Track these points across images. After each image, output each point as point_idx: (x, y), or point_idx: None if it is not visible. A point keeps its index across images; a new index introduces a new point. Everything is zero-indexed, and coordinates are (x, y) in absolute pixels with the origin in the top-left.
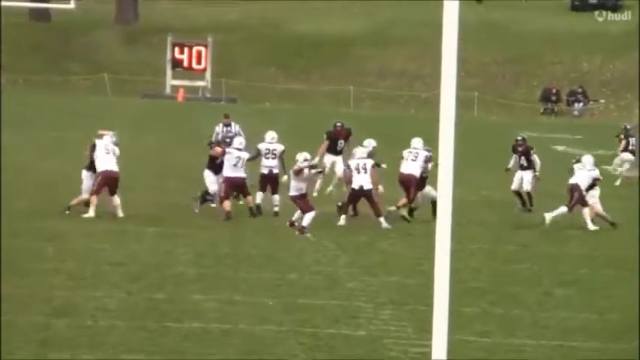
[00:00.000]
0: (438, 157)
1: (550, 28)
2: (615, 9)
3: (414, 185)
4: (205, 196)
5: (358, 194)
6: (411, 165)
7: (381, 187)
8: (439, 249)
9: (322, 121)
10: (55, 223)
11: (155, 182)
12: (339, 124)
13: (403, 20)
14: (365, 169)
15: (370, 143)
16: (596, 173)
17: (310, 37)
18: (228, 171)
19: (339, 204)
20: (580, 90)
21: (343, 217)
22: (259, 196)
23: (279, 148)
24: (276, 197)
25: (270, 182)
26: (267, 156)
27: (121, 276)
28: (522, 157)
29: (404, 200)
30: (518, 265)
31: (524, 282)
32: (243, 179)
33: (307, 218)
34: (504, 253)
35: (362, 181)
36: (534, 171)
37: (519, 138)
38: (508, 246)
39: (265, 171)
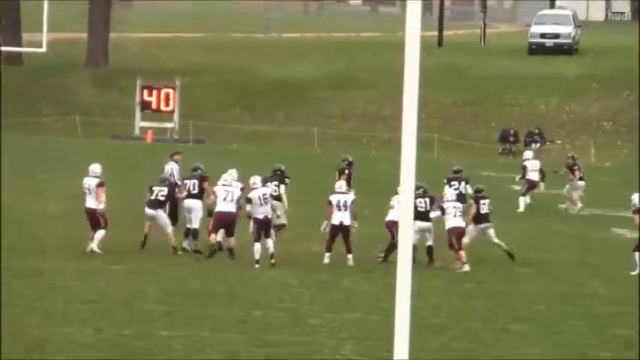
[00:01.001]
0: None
1: (508, 71)
2: (571, 53)
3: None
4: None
5: (337, 230)
6: (459, 219)
7: (356, 223)
8: (400, 286)
9: (287, 160)
10: (33, 262)
11: (124, 220)
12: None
13: (364, 65)
14: (345, 205)
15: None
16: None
17: (275, 81)
18: (219, 206)
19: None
20: (537, 131)
21: (327, 255)
22: (220, 235)
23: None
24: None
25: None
26: (226, 198)
27: (91, 313)
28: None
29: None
30: (476, 301)
31: (481, 318)
32: (233, 214)
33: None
34: (463, 290)
35: (342, 217)
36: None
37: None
38: (466, 283)
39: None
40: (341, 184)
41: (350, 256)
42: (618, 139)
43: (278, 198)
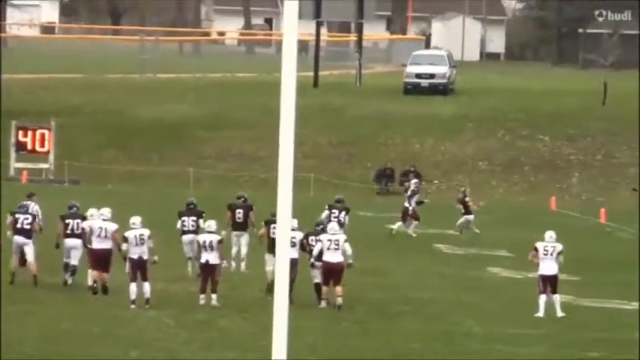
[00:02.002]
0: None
1: (383, 111)
2: (446, 93)
3: (342, 271)
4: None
5: (203, 269)
6: (335, 254)
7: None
8: (276, 325)
9: (163, 201)
10: None
11: None
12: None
13: (240, 105)
14: (211, 245)
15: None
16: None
17: (150, 121)
18: (93, 243)
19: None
20: (412, 170)
21: (202, 296)
22: (90, 275)
23: (112, 227)
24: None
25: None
26: (100, 235)
27: None
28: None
29: (339, 289)
30: (354, 340)
31: (359, 357)
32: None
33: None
34: (340, 329)
35: (208, 256)
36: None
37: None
38: (343, 322)
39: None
40: (210, 224)
41: (214, 295)
42: (493, 178)
43: (196, 232)
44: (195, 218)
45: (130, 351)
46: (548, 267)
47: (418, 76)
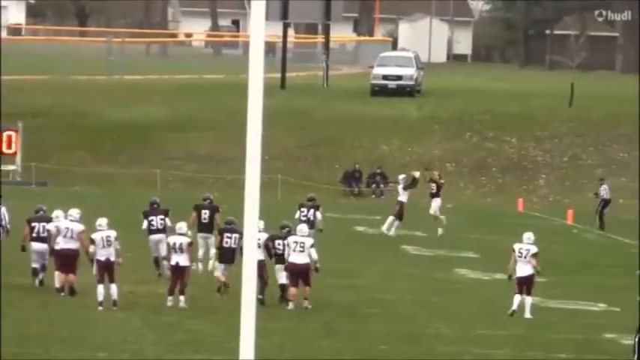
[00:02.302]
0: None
1: (351, 112)
2: (413, 95)
3: (309, 272)
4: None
5: (173, 271)
6: (300, 255)
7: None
8: (244, 327)
9: (131, 202)
10: None
11: None
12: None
13: (207, 107)
14: (181, 248)
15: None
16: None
17: (117, 123)
18: (60, 243)
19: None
20: (379, 172)
21: (170, 298)
22: (57, 278)
23: (78, 228)
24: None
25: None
26: (66, 235)
27: None
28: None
29: (293, 290)
30: (321, 342)
31: (327, 359)
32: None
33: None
34: (307, 330)
35: (178, 258)
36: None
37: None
38: (310, 324)
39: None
40: (181, 226)
41: (182, 297)
42: (461, 180)
43: (164, 230)
44: (162, 217)
45: (98, 353)
46: (522, 269)
47: (385, 77)
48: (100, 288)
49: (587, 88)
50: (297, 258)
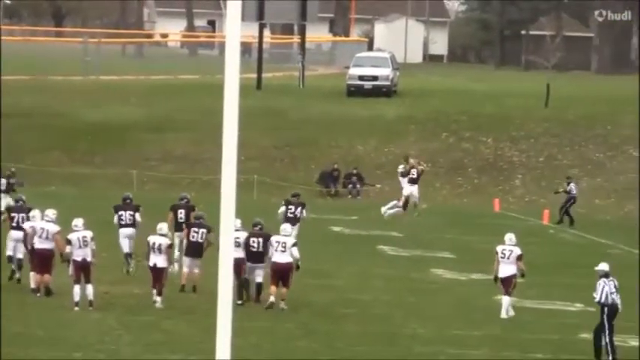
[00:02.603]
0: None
1: (327, 113)
2: (389, 95)
3: (291, 273)
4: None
5: (152, 272)
6: (282, 255)
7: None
8: (220, 327)
9: (107, 203)
10: None
11: None
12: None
13: (183, 107)
14: (160, 248)
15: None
16: None
17: (93, 124)
18: (35, 243)
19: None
20: (355, 172)
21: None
22: (32, 278)
23: (54, 229)
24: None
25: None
26: (41, 236)
27: None
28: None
29: (274, 288)
30: (298, 342)
31: (303, 359)
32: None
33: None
34: (284, 330)
35: (156, 259)
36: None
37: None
38: (287, 324)
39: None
40: (161, 227)
41: (158, 298)
42: (437, 180)
43: (134, 225)
44: (132, 212)
45: (74, 353)
46: (504, 269)
47: (361, 78)
48: (77, 288)
49: (563, 89)
50: (279, 258)
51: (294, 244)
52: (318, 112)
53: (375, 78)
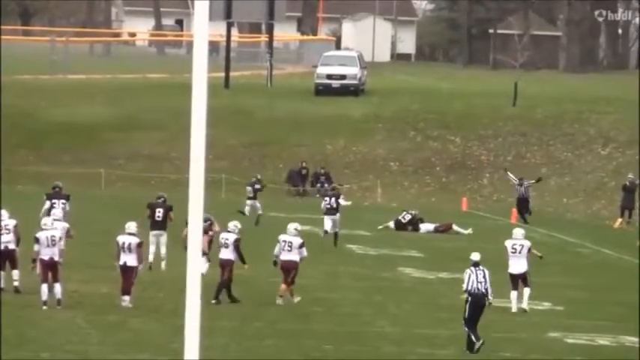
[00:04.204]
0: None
1: (295, 112)
2: (357, 94)
3: (296, 270)
4: None
5: (122, 271)
6: (289, 254)
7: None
8: (188, 327)
9: (74, 202)
10: None
11: None
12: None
13: (151, 107)
14: (130, 247)
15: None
16: None
17: (61, 123)
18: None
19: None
20: (323, 171)
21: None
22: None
23: (12, 223)
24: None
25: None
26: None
27: None
28: None
29: (284, 286)
30: (266, 341)
31: (271, 358)
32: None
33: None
34: (252, 329)
35: (126, 258)
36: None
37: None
38: (255, 323)
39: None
40: (129, 225)
41: (127, 297)
42: (405, 179)
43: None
44: (64, 201)
45: (41, 353)
46: (517, 265)
47: (329, 77)
48: (44, 287)
49: (531, 87)
50: (286, 256)
51: (302, 245)
52: (286, 111)
53: (343, 77)
